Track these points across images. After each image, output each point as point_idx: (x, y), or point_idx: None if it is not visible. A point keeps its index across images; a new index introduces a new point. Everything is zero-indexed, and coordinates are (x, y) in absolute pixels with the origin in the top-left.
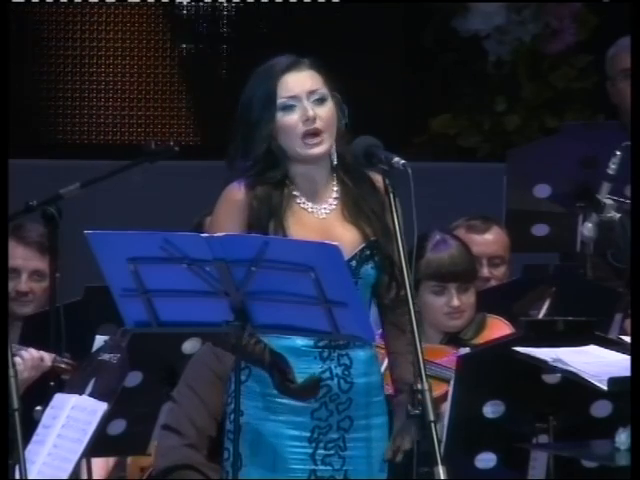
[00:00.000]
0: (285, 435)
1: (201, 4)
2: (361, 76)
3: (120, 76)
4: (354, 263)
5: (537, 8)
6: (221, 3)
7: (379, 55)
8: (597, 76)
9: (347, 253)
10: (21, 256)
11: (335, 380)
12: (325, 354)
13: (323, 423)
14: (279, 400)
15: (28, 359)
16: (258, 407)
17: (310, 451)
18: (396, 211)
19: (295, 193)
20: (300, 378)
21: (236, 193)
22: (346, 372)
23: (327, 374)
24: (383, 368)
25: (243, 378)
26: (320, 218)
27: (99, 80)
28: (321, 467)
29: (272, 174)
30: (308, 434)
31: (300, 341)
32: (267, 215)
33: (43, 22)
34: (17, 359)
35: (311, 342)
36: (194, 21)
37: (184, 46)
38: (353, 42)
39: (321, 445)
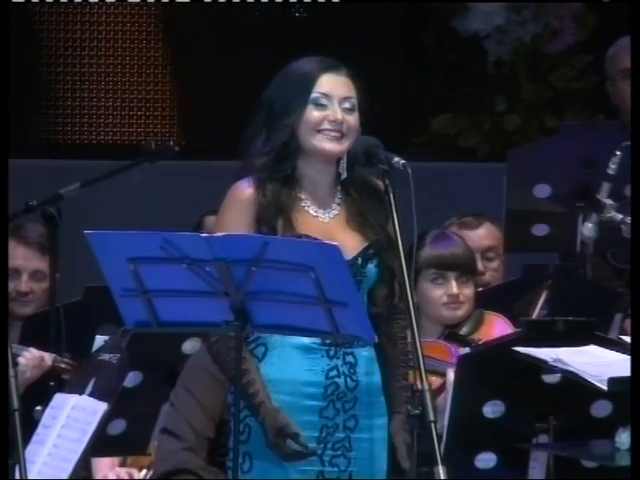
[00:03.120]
0: None
1: (201, 5)
2: (361, 76)
3: (120, 76)
4: (359, 261)
5: (537, 8)
6: (221, 3)
7: (379, 55)
8: (597, 76)
9: (351, 252)
10: (21, 256)
11: (342, 378)
12: (332, 352)
13: (330, 422)
14: (288, 399)
15: (30, 359)
16: None
17: (319, 452)
18: (396, 211)
19: (301, 196)
20: (308, 375)
21: (245, 189)
22: (352, 370)
23: (334, 372)
24: None
25: None
26: (324, 222)
27: (99, 80)
28: (328, 468)
29: (282, 167)
30: (317, 434)
31: (307, 339)
32: (275, 212)
33: (43, 22)
34: (20, 359)
35: (318, 339)
36: (194, 22)
37: (184, 46)
38: (353, 42)
39: (329, 446)
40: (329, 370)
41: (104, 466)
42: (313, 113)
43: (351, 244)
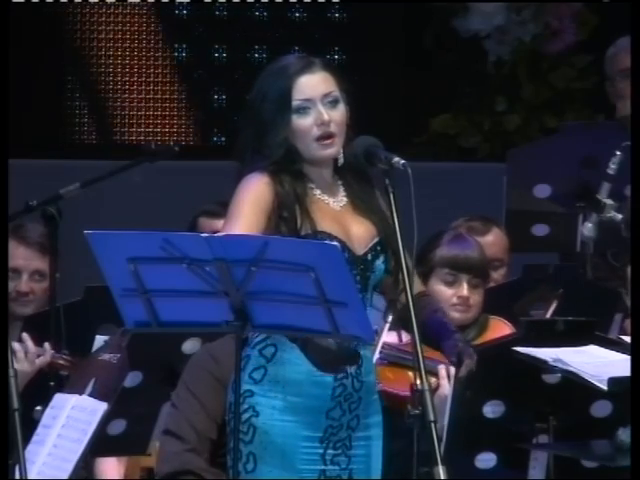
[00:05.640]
0: (299, 436)
1: (200, 5)
2: (361, 76)
3: (120, 76)
4: (369, 257)
5: (537, 8)
6: (221, 3)
7: (379, 55)
8: (597, 76)
9: (363, 246)
10: (22, 256)
11: (350, 379)
12: None
13: (336, 422)
14: (295, 400)
15: (19, 350)
16: (275, 407)
17: (321, 451)
18: (396, 211)
19: (311, 186)
20: (317, 377)
21: (261, 179)
22: (358, 371)
23: (343, 373)
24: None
25: (258, 378)
26: (336, 210)
27: (99, 80)
28: (330, 467)
29: (291, 168)
30: (320, 434)
31: None
32: (294, 200)
33: (43, 22)
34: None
35: None
36: (193, 21)
37: (184, 46)
38: (353, 42)
39: (330, 445)
40: None
41: (110, 468)
42: (299, 122)
43: (363, 233)
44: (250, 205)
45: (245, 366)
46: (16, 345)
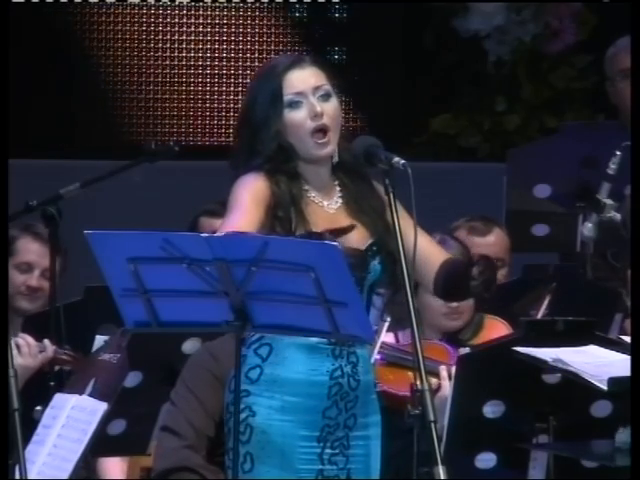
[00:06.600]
0: (296, 435)
1: (201, 4)
2: (361, 76)
3: (120, 76)
4: (366, 257)
5: (537, 8)
6: (222, 3)
7: (379, 55)
8: (597, 76)
9: (357, 248)
10: (36, 252)
11: (345, 378)
12: (337, 352)
13: (332, 422)
14: (292, 399)
15: (23, 345)
16: (272, 407)
17: (319, 451)
18: (396, 211)
19: (306, 187)
20: (312, 376)
21: (257, 178)
22: (354, 370)
23: (338, 372)
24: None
25: (254, 377)
26: (330, 213)
27: (99, 80)
28: (327, 467)
29: (286, 167)
30: (318, 433)
31: (313, 338)
32: (289, 201)
33: (43, 22)
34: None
35: (324, 339)
36: (194, 20)
37: (183, 46)
38: (353, 42)
39: (328, 444)
40: (333, 371)
41: (112, 466)
42: (292, 116)
43: (357, 237)
44: (249, 199)
45: (241, 366)
46: (19, 340)
